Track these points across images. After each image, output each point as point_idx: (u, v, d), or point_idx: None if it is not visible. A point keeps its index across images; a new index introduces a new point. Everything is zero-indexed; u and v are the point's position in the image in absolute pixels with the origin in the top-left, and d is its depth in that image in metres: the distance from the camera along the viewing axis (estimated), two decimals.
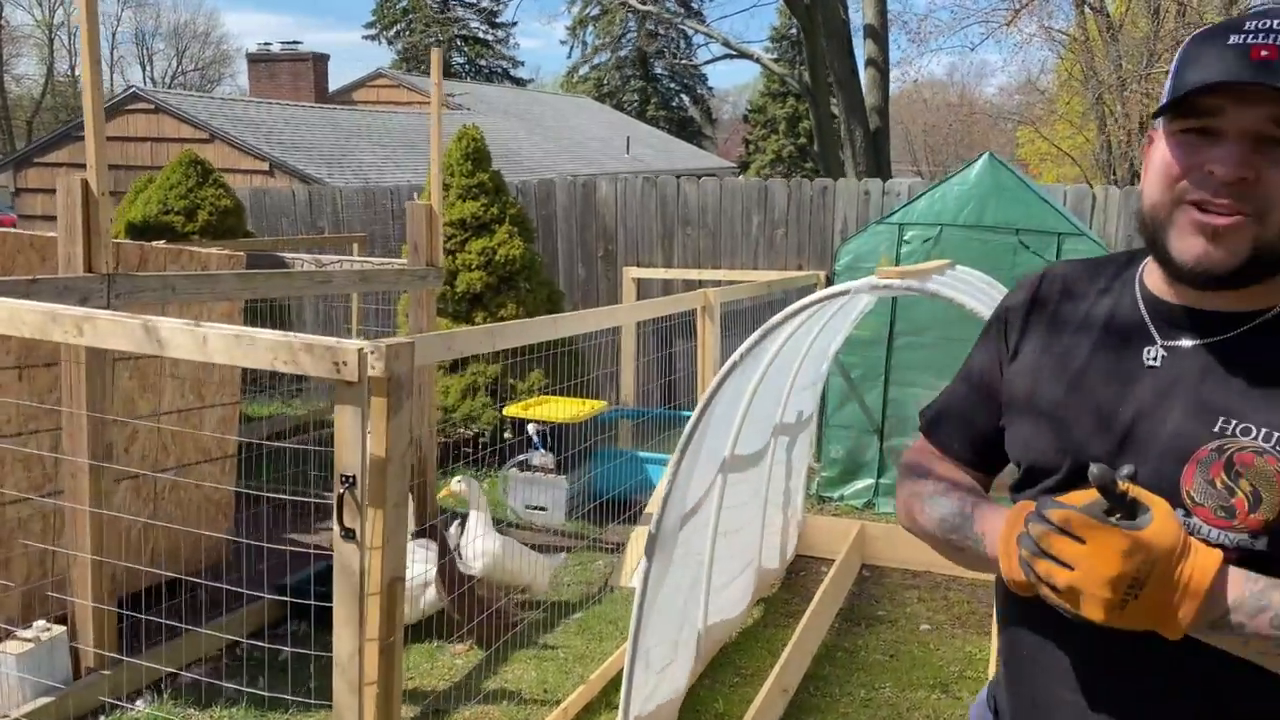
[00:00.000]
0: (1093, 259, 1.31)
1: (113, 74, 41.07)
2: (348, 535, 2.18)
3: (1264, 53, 1.04)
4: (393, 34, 38.73)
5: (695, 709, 3.60)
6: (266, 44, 23.94)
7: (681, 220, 7.51)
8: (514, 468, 5.63)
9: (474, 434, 6.20)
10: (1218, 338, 1.12)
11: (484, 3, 39.32)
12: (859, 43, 14.10)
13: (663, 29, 36.29)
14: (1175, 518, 1.02)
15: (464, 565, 4.17)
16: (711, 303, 5.03)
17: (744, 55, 19.42)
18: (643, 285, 7.48)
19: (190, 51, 43.81)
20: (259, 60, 21.85)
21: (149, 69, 42.72)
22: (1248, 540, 1.06)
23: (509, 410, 5.72)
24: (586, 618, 4.40)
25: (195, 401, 4.37)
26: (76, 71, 34.16)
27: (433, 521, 4.30)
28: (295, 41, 23.81)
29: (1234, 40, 1.06)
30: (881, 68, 13.98)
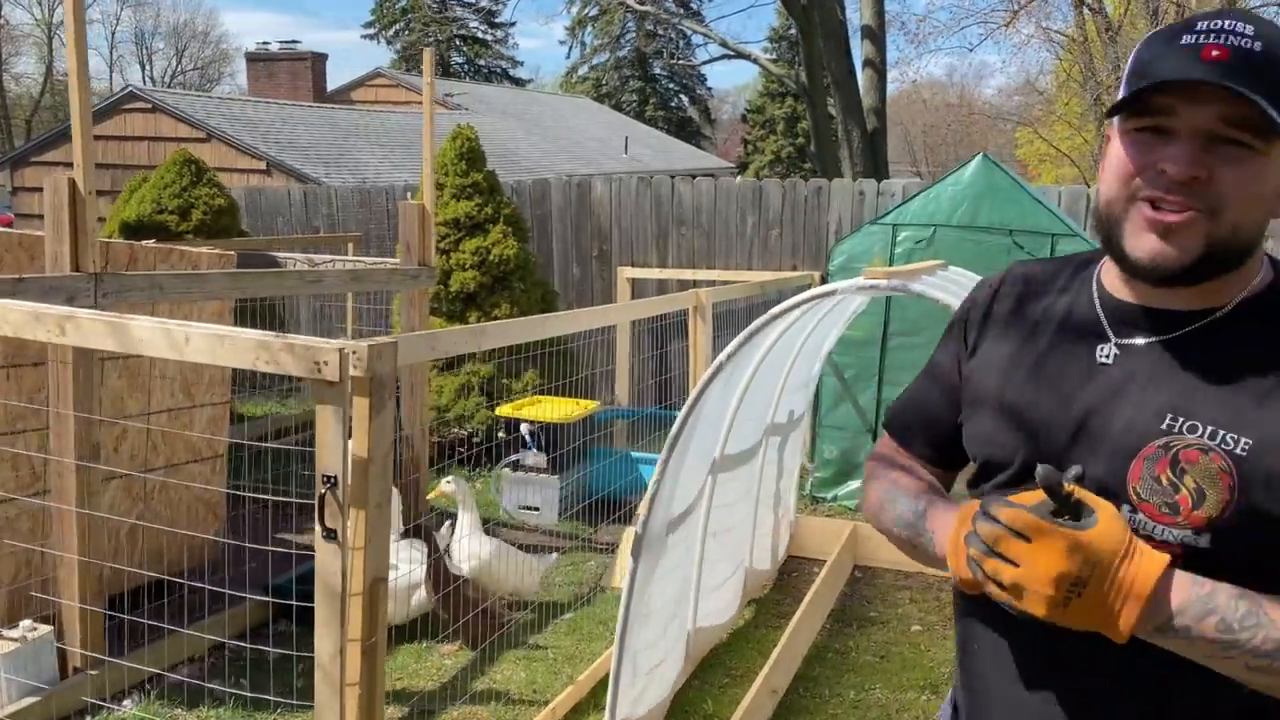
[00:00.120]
0: (1056, 259, 1.32)
1: (112, 73, 41.14)
2: (329, 536, 2.17)
3: (1215, 53, 1.04)
4: (392, 34, 38.74)
5: (684, 710, 3.59)
6: (265, 43, 23.92)
7: (676, 220, 7.51)
8: (506, 468, 5.63)
9: (468, 434, 6.19)
10: (1170, 335, 1.13)
11: (483, 3, 39.35)
12: (856, 43, 14.12)
13: (661, 29, 36.30)
14: (1121, 520, 1.03)
15: (453, 566, 4.17)
16: (703, 303, 5.03)
17: (742, 56, 19.43)
18: (637, 285, 7.48)
19: (190, 51, 43.91)
20: (257, 59, 21.82)
21: (148, 68, 42.81)
22: (1191, 537, 1.07)
23: (501, 410, 5.71)
24: (577, 618, 4.39)
25: (185, 401, 4.36)
26: None
27: (418, 521, 4.28)
28: (294, 41, 23.80)
29: (1186, 40, 1.07)
30: (879, 68, 13.99)
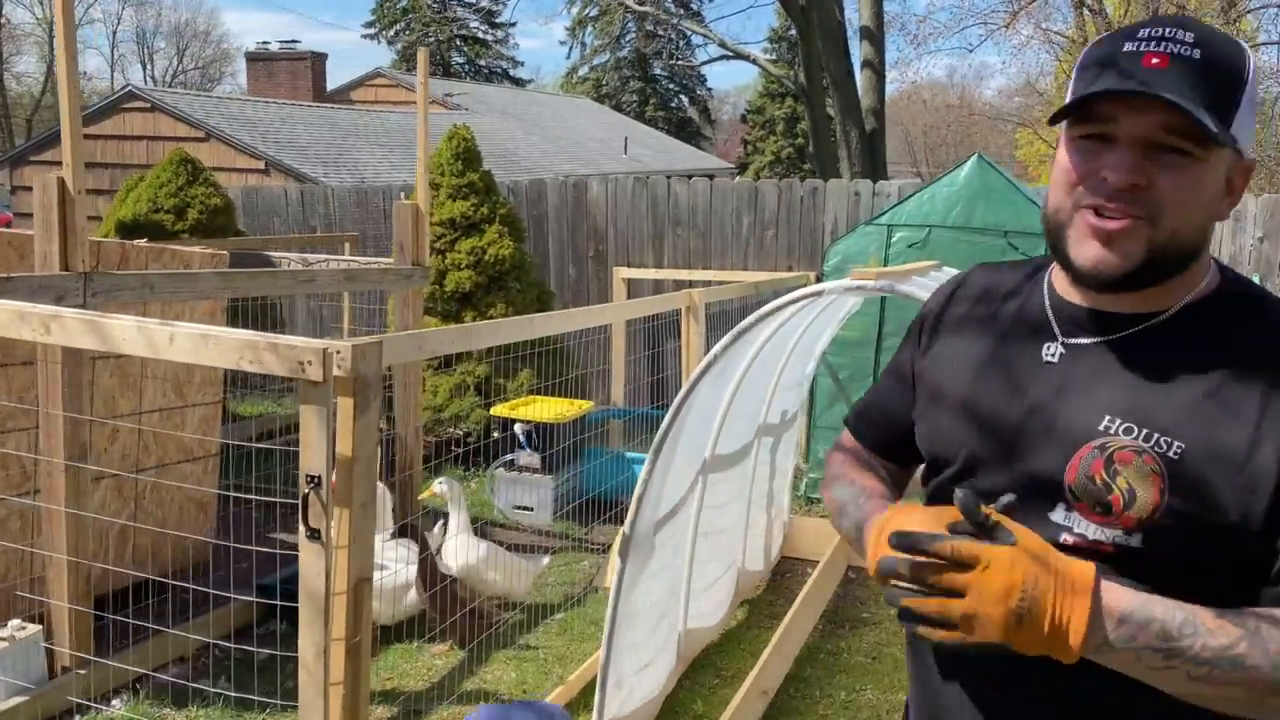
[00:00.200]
0: (1017, 262, 1.34)
1: (113, 72, 41.16)
2: (313, 535, 2.17)
3: (1155, 60, 1.05)
4: (392, 34, 38.76)
5: (675, 710, 3.59)
6: (265, 43, 23.93)
7: (672, 221, 7.51)
8: (500, 467, 5.63)
9: (463, 433, 6.19)
10: (1114, 336, 1.14)
11: (483, 3, 39.36)
12: (855, 44, 14.12)
13: (661, 30, 36.30)
14: (1038, 536, 1.03)
15: (443, 566, 4.16)
16: (696, 303, 5.02)
17: (741, 56, 19.42)
18: (633, 285, 7.47)
19: (191, 50, 43.92)
20: (257, 59, 21.83)
21: (150, 68, 42.81)
22: (1123, 537, 1.07)
23: (496, 410, 5.71)
24: (569, 618, 4.38)
25: (177, 401, 4.36)
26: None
27: (407, 520, 4.28)
28: (293, 40, 23.82)
29: (1128, 48, 1.07)
30: (877, 69, 13.99)
